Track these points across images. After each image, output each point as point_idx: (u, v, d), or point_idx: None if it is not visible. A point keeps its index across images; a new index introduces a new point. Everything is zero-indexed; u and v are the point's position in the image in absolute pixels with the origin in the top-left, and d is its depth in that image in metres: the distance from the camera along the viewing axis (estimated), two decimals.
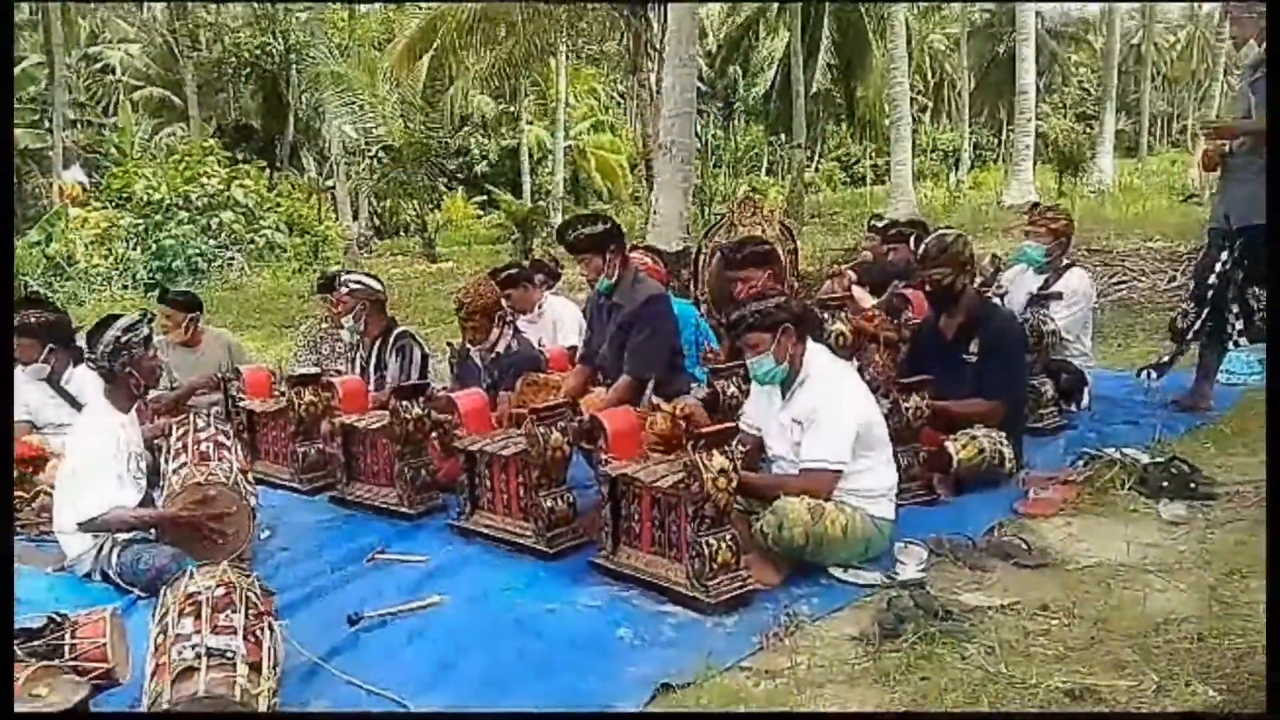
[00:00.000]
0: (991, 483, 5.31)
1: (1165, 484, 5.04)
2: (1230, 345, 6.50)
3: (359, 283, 6.64)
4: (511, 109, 34.04)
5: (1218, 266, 6.32)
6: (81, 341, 6.16)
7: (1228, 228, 6.27)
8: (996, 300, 6.34)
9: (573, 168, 35.52)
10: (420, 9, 25.45)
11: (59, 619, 3.62)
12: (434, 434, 5.71)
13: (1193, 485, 5.04)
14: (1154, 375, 6.80)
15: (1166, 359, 6.79)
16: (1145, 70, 39.67)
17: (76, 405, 5.78)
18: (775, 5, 30.05)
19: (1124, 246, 13.53)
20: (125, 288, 19.02)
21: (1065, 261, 6.91)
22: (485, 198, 33.10)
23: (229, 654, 3.27)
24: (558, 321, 7.50)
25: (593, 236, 5.66)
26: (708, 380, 5.80)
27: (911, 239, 7.03)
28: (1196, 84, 49.88)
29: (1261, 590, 3.61)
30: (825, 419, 4.40)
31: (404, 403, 5.48)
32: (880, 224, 8.42)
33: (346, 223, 24.79)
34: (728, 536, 4.09)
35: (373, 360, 6.64)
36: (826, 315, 5.94)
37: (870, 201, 28.09)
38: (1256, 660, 3.27)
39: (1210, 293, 6.37)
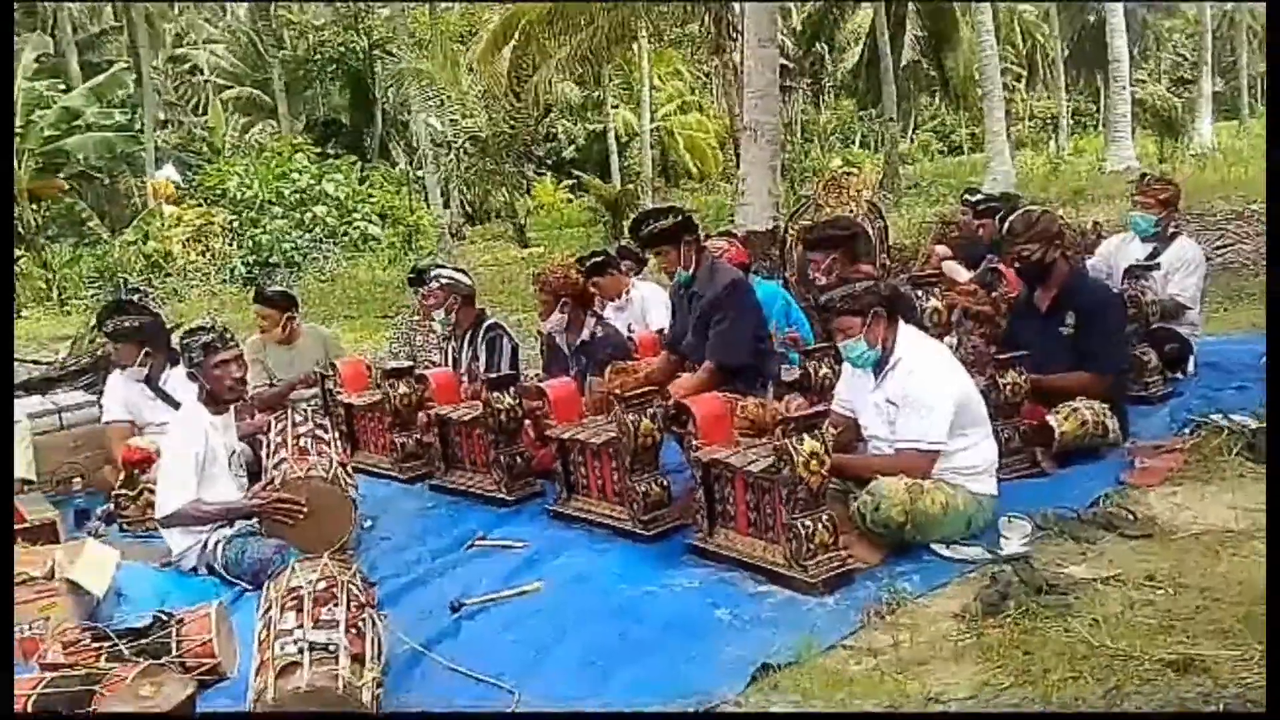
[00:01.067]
0: (1096, 454, 5.19)
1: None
2: None
3: (449, 278, 6.71)
4: (596, 94, 34.09)
5: None
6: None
7: None
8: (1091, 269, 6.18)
9: (661, 148, 35.49)
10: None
11: (164, 616, 3.68)
12: (526, 422, 5.75)
13: None
14: None
15: None
16: (1240, 34, 38.46)
17: (175, 405, 5.87)
18: None
19: (1227, 209, 13.09)
20: (224, 282, 19.47)
21: (1171, 230, 6.78)
22: (575, 182, 33.24)
23: (331, 647, 3.28)
24: (646, 306, 7.49)
25: (666, 229, 5.69)
26: (800, 362, 5.76)
27: (997, 217, 6.92)
28: None
29: None
30: (920, 399, 4.35)
31: (495, 394, 5.53)
32: (973, 198, 8.26)
33: (438, 211, 25.04)
34: (824, 517, 4.06)
35: (465, 352, 6.71)
36: (920, 292, 5.86)
37: (969, 170, 27.58)
38: None
39: None
